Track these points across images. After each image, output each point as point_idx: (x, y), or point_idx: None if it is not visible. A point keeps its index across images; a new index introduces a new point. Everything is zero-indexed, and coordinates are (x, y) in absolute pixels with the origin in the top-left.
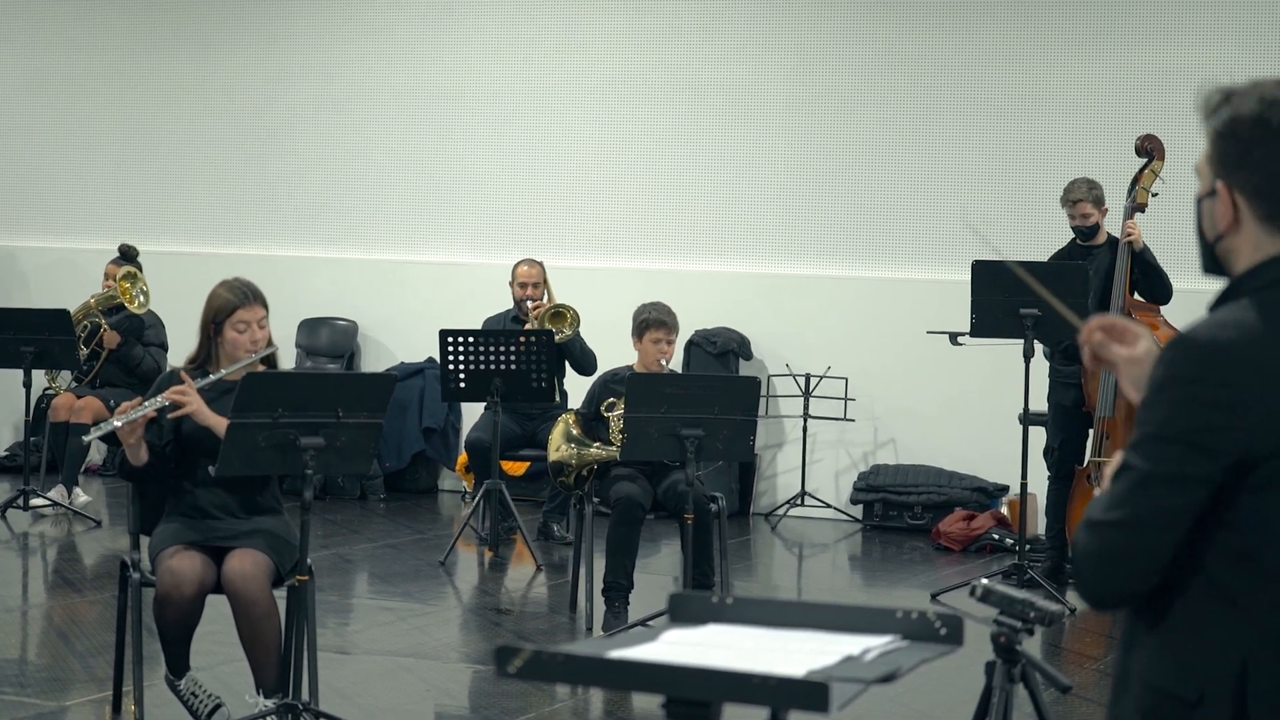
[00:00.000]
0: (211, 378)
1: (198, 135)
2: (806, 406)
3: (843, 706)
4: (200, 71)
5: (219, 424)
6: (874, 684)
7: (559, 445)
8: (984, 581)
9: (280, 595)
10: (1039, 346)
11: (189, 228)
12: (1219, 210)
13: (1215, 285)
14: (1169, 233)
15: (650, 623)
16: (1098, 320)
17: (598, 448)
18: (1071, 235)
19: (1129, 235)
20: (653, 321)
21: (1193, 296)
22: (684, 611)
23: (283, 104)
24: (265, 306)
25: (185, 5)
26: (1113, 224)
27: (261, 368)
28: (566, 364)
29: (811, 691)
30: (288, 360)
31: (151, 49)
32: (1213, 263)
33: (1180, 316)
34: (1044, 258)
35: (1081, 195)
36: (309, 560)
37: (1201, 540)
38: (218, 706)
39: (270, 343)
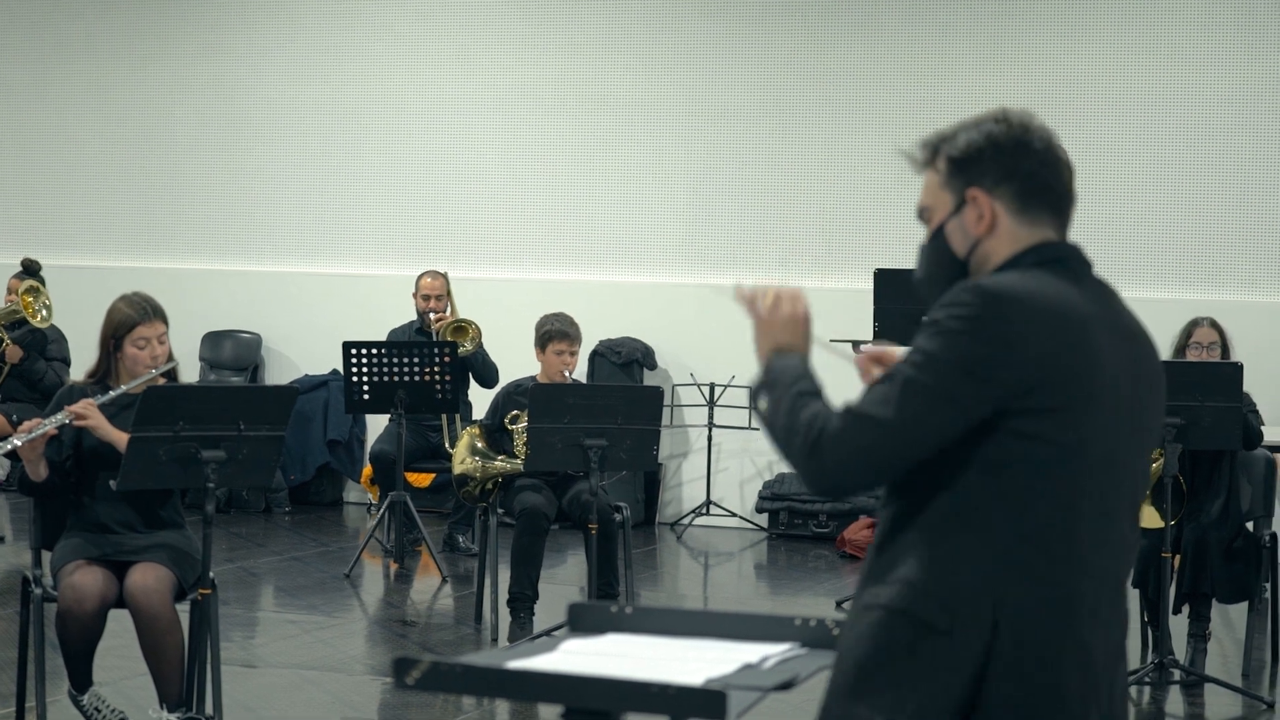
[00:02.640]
0: (113, 393)
1: (100, 148)
2: (711, 416)
3: (741, 714)
4: (102, 83)
5: (120, 439)
6: (772, 692)
7: (463, 458)
8: None
9: (183, 609)
10: None
11: (91, 241)
12: (974, 219)
13: (1154, 292)
14: (1079, 239)
15: (553, 633)
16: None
17: (502, 460)
18: None
19: None
20: (555, 333)
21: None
22: (584, 621)
23: (185, 117)
24: (165, 322)
25: (87, 16)
26: None
27: (162, 381)
28: (470, 375)
29: (709, 700)
30: (191, 374)
31: (52, 59)
32: (951, 281)
33: None
34: None
35: None
36: (212, 574)
37: (964, 480)
38: None
39: (171, 357)
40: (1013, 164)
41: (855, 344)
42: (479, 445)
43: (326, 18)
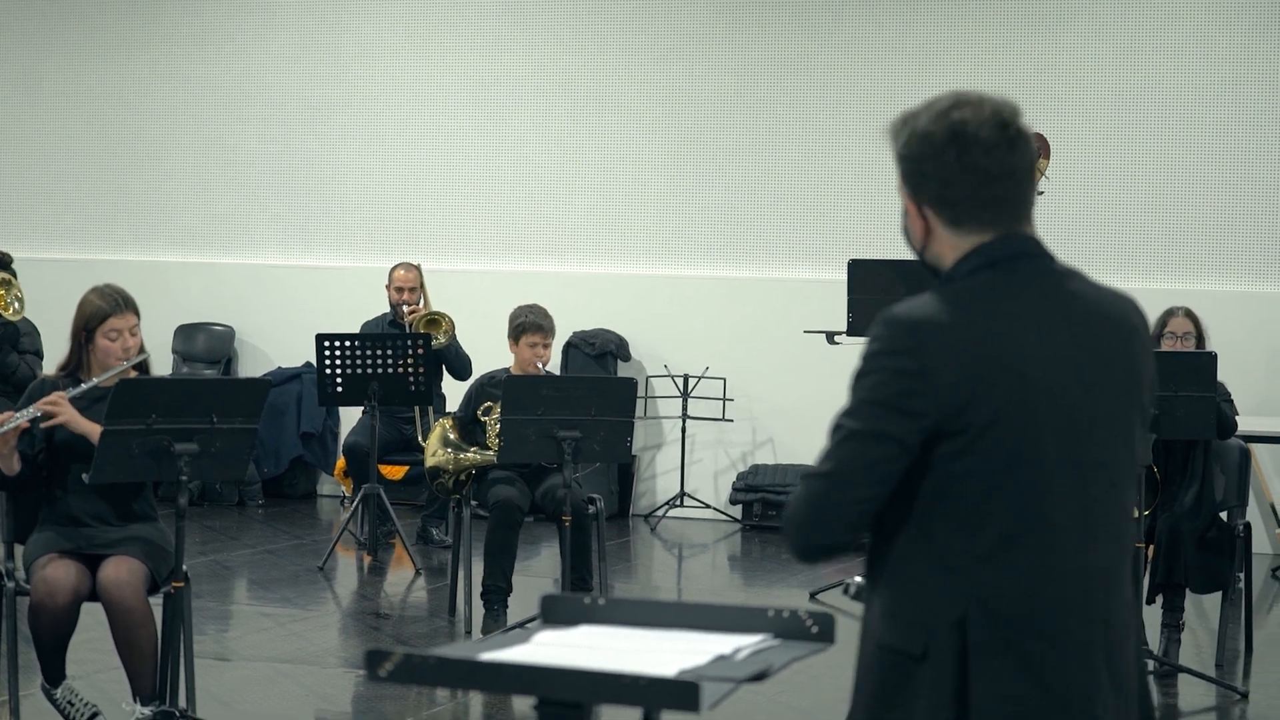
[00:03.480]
0: (84, 386)
1: (73, 141)
2: (685, 407)
3: (714, 705)
4: (74, 76)
5: (92, 431)
6: (745, 683)
7: (435, 450)
8: (857, 579)
9: (156, 602)
10: None
11: (64, 234)
12: (912, 226)
13: (1128, 283)
14: (1053, 231)
15: (527, 625)
16: None
17: (474, 452)
18: None
19: None
20: (529, 325)
21: None
22: (557, 613)
23: (158, 108)
24: (137, 314)
25: (58, 9)
26: None
27: (135, 374)
28: (443, 367)
29: (682, 691)
30: (164, 367)
31: (24, 52)
32: (927, 268)
33: None
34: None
35: None
36: (185, 567)
37: (917, 506)
38: (95, 715)
39: (142, 349)
40: (943, 172)
41: (829, 335)
42: (451, 437)
43: (302, 10)
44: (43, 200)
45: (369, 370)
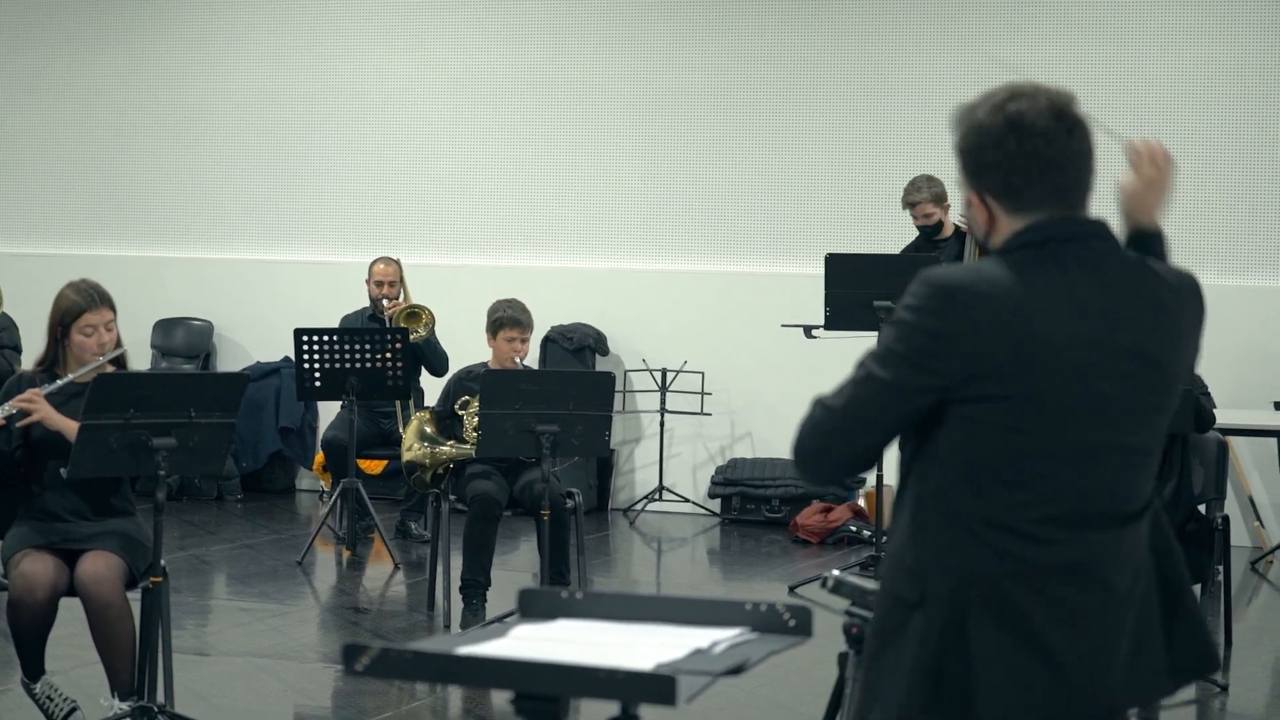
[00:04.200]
0: (60, 381)
1: (50, 136)
2: (663, 401)
3: (691, 699)
4: (49, 70)
5: (69, 427)
6: (722, 676)
7: (412, 444)
8: (835, 573)
9: (134, 597)
10: None
11: (43, 229)
12: (977, 217)
13: None
14: None
15: (505, 619)
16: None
17: (451, 446)
18: None
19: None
20: (506, 320)
21: None
22: (534, 607)
23: (134, 103)
24: (113, 309)
25: (35, 6)
26: (957, 213)
27: (111, 369)
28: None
29: (659, 684)
30: (143, 361)
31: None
32: None
33: None
34: (896, 251)
35: (921, 197)
36: (163, 561)
37: (935, 463)
38: (73, 709)
39: (119, 344)
40: (1005, 162)
41: (807, 329)
42: (428, 430)
43: (280, 5)
44: (21, 195)
45: (347, 365)
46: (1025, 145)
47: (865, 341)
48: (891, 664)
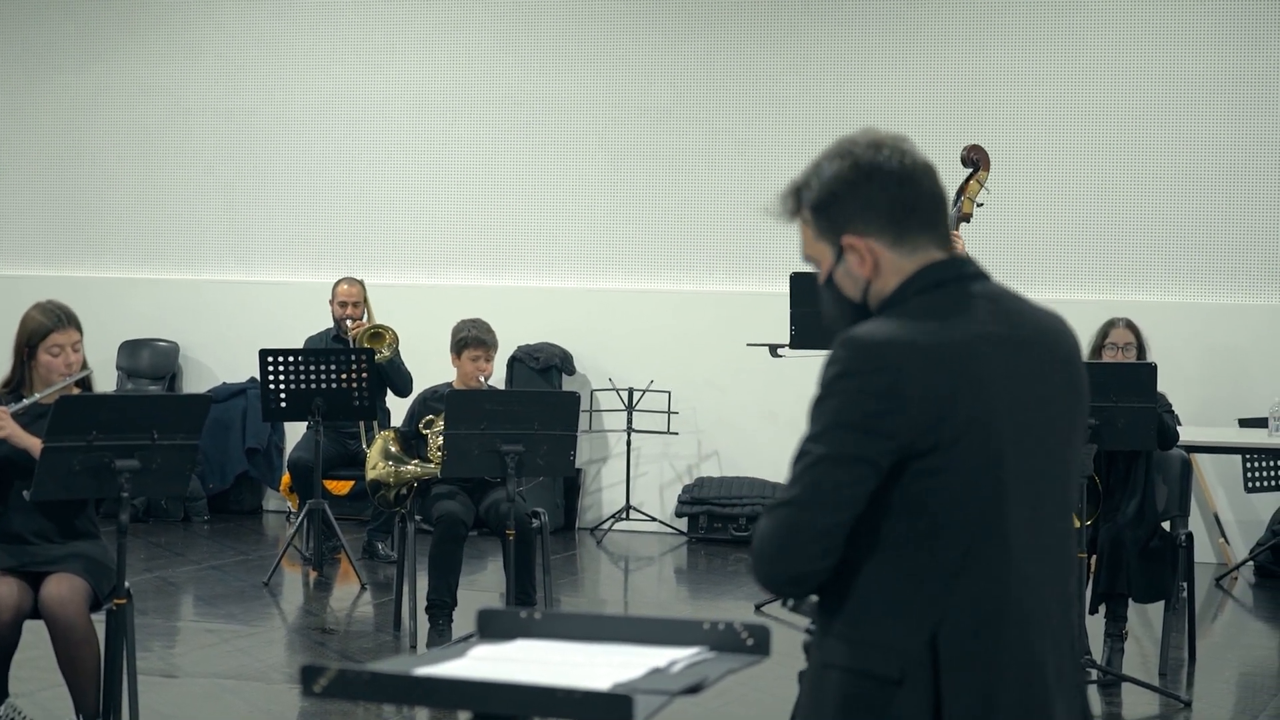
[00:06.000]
0: (25, 401)
1: (13, 157)
2: (630, 420)
3: (648, 718)
4: (12, 92)
5: (35, 446)
6: (679, 695)
7: (376, 463)
8: None
9: (99, 619)
10: None
11: (8, 250)
12: (856, 263)
13: (1070, 293)
14: (994, 243)
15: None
16: None
17: (415, 465)
18: None
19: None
20: (470, 340)
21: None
22: (493, 627)
23: (99, 124)
24: (79, 329)
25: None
26: None
27: (76, 390)
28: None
29: (615, 704)
30: (109, 383)
31: None
32: (856, 323)
33: None
34: None
35: None
36: (128, 583)
37: (885, 527)
38: None
39: (85, 365)
40: (871, 197)
41: (772, 348)
42: (392, 450)
43: (241, 24)
44: None
45: (313, 385)
46: (905, 174)
47: None
48: None
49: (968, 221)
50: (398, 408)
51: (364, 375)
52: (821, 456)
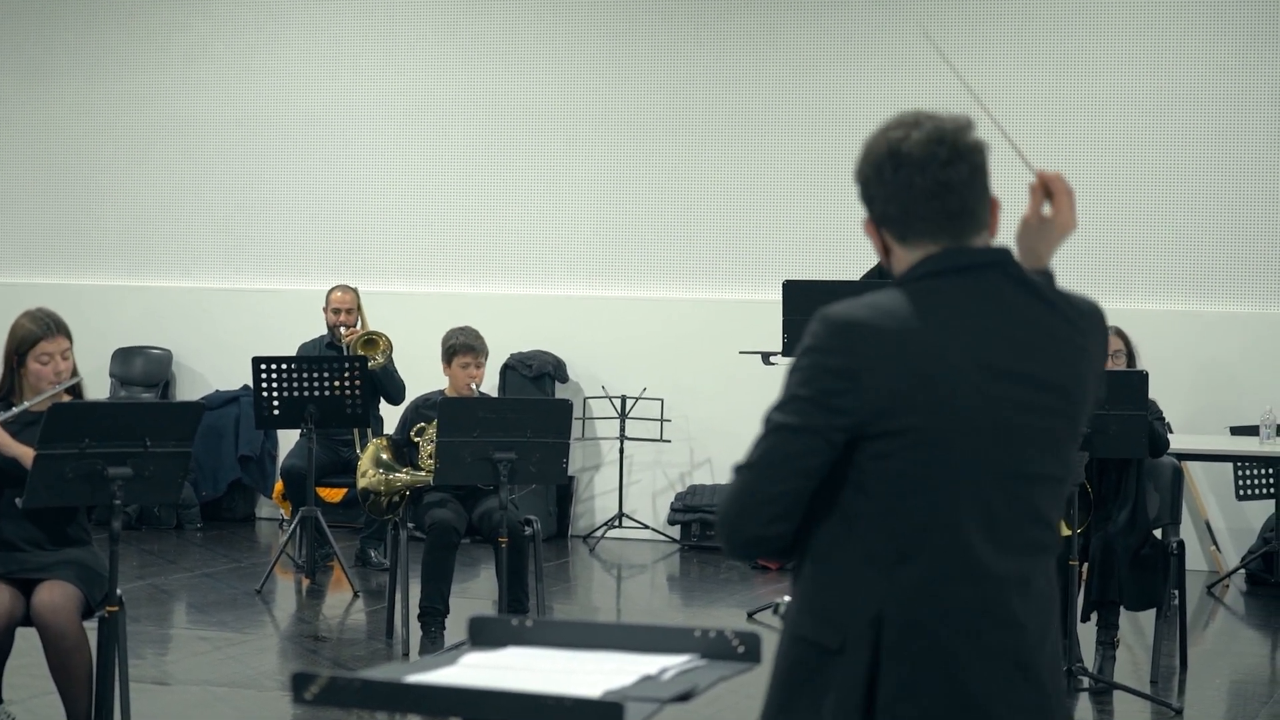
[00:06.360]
0: (15, 410)
1: (4, 161)
2: (623, 428)
3: None
4: (3, 96)
5: (25, 454)
6: (670, 703)
7: (367, 470)
8: (787, 599)
9: (91, 626)
10: None
11: (0, 258)
12: (876, 246)
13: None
14: None
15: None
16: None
17: (406, 473)
18: None
19: None
20: (460, 347)
21: None
22: (484, 635)
23: (91, 129)
24: (69, 337)
25: None
26: None
27: (67, 398)
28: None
29: (606, 712)
30: (102, 390)
31: None
32: None
33: None
34: (854, 278)
35: None
36: (120, 591)
37: (839, 502)
38: None
39: (75, 373)
40: (883, 191)
41: (765, 355)
42: (384, 458)
43: (235, 32)
44: None
45: (306, 393)
46: (900, 175)
47: None
48: (807, 715)
49: None
50: (391, 416)
51: (357, 382)
52: (780, 425)
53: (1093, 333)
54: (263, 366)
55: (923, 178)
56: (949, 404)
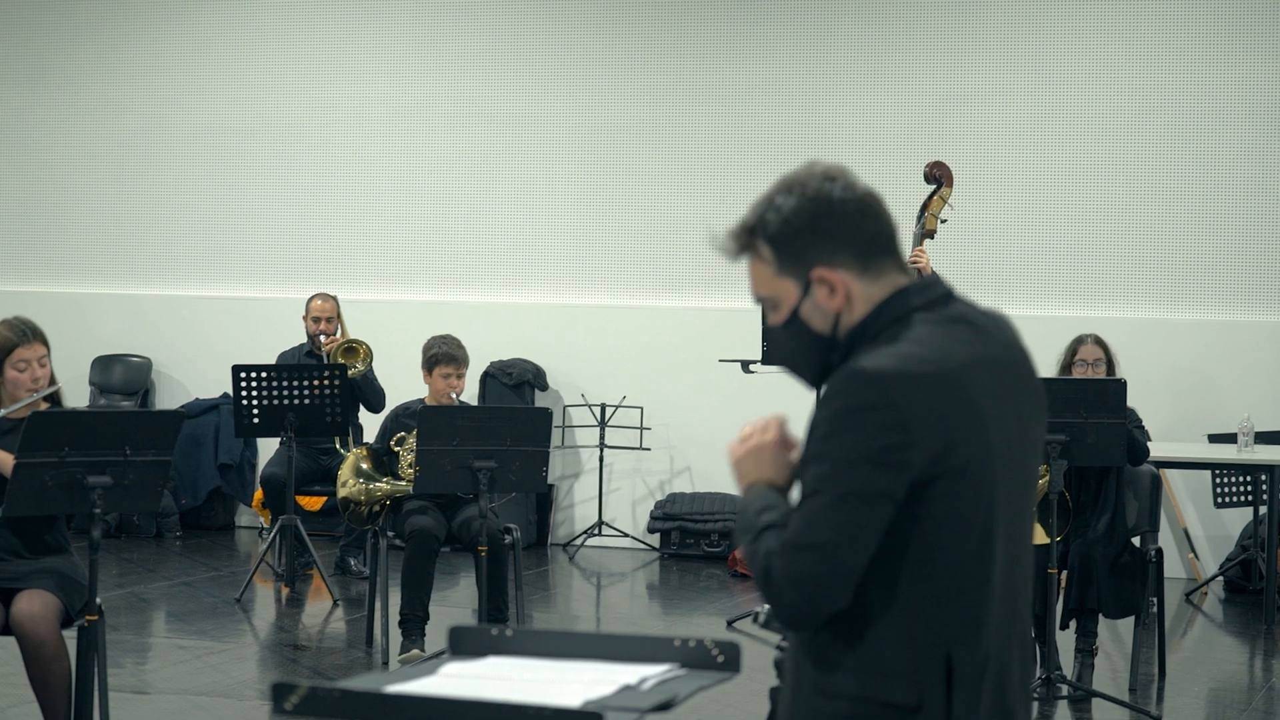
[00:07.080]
0: None
1: None
2: (603, 436)
3: None
4: None
5: (5, 461)
6: (650, 712)
7: (347, 480)
8: (768, 608)
9: (71, 635)
10: None
11: None
12: (826, 296)
13: (1039, 309)
14: (963, 260)
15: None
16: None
17: (386, 482)
18: None
19: (915, 262)
20: (442, 356)
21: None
22: (464, 644)
23: (69, 138)
24: (46, 344)
25: None
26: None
27: (46, 406)
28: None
29: None
30: (81, 398)
31: None
32: (824, 358)
33: None
34: None
35: None
36: (99, 599)
37: (894, 555)
38: None
39: (53, 380)
40: (835, 228)
41: (745, 364)
42: (364, 467)
43: (212, 38)
44: None
45: (285, 401)
46: (860, 203)
47: None
48: None
49: (931, 238)
50: (371, 424)
51: (337, 391)
52: (844, 495)
53: (1017, 333)
54: (242, 374)
55: (882, 209)
56: (983, 438)
